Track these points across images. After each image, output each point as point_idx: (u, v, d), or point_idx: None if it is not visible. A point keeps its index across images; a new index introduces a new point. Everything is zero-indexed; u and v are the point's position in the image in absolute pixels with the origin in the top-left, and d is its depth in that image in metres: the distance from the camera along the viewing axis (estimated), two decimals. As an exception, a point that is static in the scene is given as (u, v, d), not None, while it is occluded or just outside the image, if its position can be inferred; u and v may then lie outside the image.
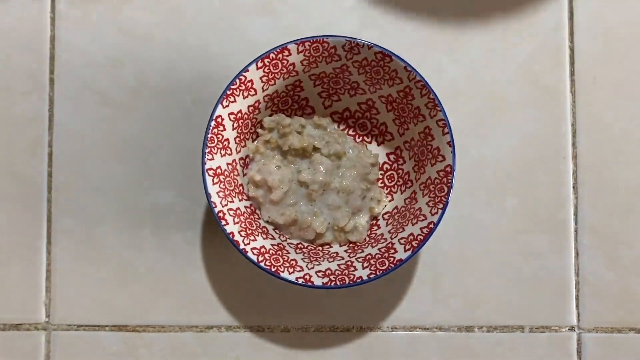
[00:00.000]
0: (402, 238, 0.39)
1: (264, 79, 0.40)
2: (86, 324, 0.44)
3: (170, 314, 0.44)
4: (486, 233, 0.44)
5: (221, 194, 0.39)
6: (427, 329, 0.44)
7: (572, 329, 0.44)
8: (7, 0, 0.45)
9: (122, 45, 0.45)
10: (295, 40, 0.39)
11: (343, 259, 0.40)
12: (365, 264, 0.39)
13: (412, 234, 0.39)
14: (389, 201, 0.43)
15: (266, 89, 0.40)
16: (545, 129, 0.45)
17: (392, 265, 0.38)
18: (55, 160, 0.45)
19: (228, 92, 0.38)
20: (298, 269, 0.39)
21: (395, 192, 0.43)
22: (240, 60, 0.44)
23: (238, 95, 0.39)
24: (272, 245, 0.40)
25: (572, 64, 0.45)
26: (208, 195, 0.38)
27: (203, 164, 0.38)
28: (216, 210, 0.38)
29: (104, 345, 0.44)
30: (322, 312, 0.44)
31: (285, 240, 0.41)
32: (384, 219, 0.42)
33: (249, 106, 0.40)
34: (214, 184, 0.38)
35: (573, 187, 0.45)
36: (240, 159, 0.41)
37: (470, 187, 0.44)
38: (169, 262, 0.44)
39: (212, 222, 0.44)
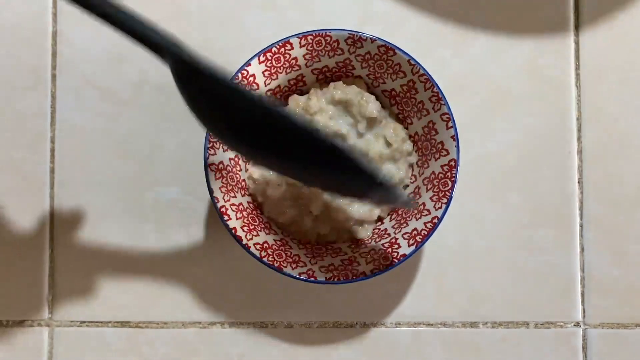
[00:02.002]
0: (405, 233, 0.39)
1: (267, 73, 0.39)
2: (89, 320, 0.44)
3: (173, 310, 0.44)
4: (491, 228, 0.44)
5: (223, 189, 0.39)
6: (432, 324, 0.44)
7: (577, 324, 0.44)
8: (8, -5, 0.45)
9: (124, 41, 0.44)
10: (297, 34, 0.38)
11: (346, 254, 0.40)
12: (369, 259, 0.39)
13: (415, 229, 0.39)
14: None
15: (269, 84, 0.40)
16: (550, 123, 0.44)
17: (396, 261, 0.38)
18: (58, 157, 0.44)
19: (230, 87, 0.38)
20: (301, 264, 0.39)
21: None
22: (243, 55, 0.43)
23: (240, 90, 0.39)
24: (275, 240, 0.40)
25: (577, 57, 0.45)
26: (210, 191, 0.38)
27: (205, 158, 0.38)
28: (218, 205, 0.38)
29: (107, 342, 0.44)
30: (325, 308, 0.44)
31: (289, 236, 0.41)
32: (387, 214, 0.42)
33: (251, 101, 0.40)
34: (216, 179, 0.38)
35: (578, 182, 0.44)
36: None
37: (474, 182, 0.44)
38: (172, 258, 0.44)
39: (215, 218, 0.44)
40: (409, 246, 0.38)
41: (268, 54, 0.39)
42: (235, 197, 0.39)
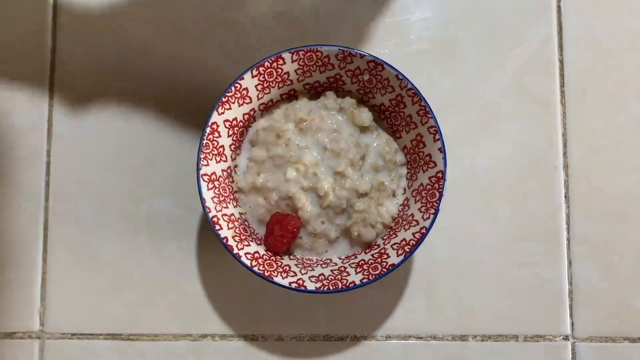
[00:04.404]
0: (394, 244, 0.39)
1: (259, 87, 0.40)
2: (80, 332, 0.44)
3: (164, 322, 0.44)
4: (480, 242, 0.45)
5: (215, 200, 0.39)
6: (422, 338, 0.44)
7: (566, 338, 0.44)
8: (10, 11, 0.46)
9: (121, 57, 0.46)
10: (289, 49, 0.39)
11: (336, 265, 0.40)
12: (359, 270, 0.39)
13: (404, 239, 0.39)
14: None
15: (261, 98, 0.41)
16: (537, 140, 0.45)
17: (385, 270, 0.38)
18: (53, 170, 0.45)
19: (224, 99, 0.39)
20: (291, 274, 0.39)
21: (389, 200, 0.43)
22: (236, 72, 0.44)
23: (233, 103, 0.40)
24: (265, 251, 0.40)
25: (562, 75, 0.46)
26: (203, 200, 0.38)
27: (198, 169, 0.39)
28: (210, 215, 0.38)
29: (97, 354, 0.44)
30: (316, 321, 0.44)
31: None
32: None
33: (244, 114, 0.41)
34: (208, 189, 0.39)
35: (565, 197, 0.45)
36: (235, 166, 0.42)
37: (463, 197, 0.45)
38: (164, 270, 0.44)
39: (207, 231, 0.44)
40: (398, 256, 0.38)
41: (261, 68, 0.39)
42: (227, 207, 0.40)
